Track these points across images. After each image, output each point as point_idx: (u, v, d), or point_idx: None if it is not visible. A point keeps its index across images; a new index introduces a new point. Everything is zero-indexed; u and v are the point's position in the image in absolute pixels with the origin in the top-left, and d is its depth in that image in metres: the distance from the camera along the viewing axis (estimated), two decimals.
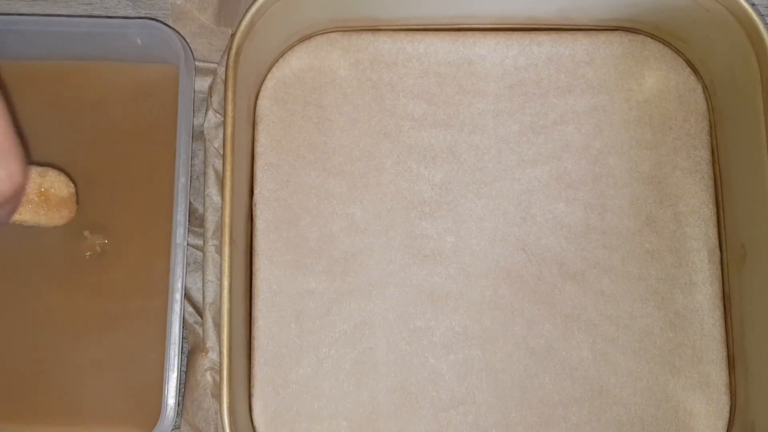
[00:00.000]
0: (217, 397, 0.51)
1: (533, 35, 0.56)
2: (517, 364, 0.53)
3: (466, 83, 0.56)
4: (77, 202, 0.52)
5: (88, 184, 0.55)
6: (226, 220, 0.48)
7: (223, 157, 0.49)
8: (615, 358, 0.53)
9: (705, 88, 0.56)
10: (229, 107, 0.49)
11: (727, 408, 0.52)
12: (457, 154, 0.55)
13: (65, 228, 0.53)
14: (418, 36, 0.56)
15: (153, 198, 0.54)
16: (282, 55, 0.56)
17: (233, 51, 0.50)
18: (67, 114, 0.56)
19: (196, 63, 0.56)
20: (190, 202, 0.54)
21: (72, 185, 0.51)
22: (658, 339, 0.53)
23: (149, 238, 0.54)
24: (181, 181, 0.51)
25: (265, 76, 0.56)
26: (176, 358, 0.49)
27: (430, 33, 0.56)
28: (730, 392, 0.53)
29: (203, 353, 0.52)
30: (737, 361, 0.52)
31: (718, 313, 0.53)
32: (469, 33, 0.56)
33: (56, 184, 0.50)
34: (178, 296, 0.50)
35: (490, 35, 0.56)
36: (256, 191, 0.54)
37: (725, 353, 0.53)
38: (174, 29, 0.54)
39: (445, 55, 0.56)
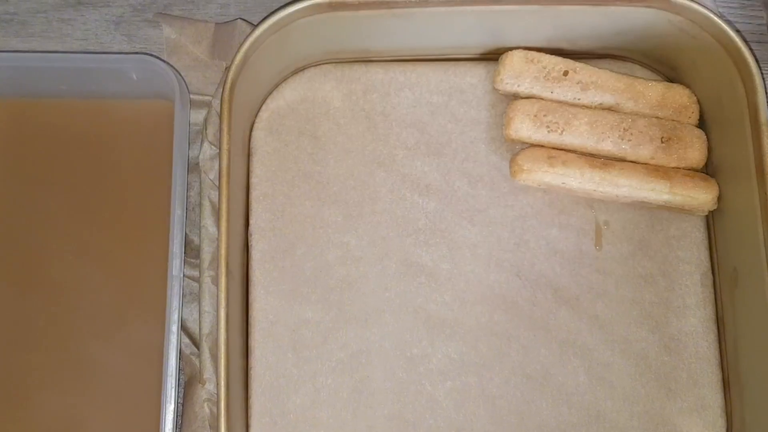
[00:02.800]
0: (215, 428, 0.51)
1: None
2: (514, 390, 0.53)
3: (458, 112, 0.56)
4: None
5: (84, 219, 0.55)
6: (222, 251, 0.48)
7: (219, 188, 0.49)
8: (611, 383, 0.53)
9: None
10: (225, 139, 0.50)
11: (724, 430, 0.53)
12: (450, 181, 0.55)
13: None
14: (410, 66, 0.57)
15: (149, 230, 0.55)
16: (276, 87, 0.57)
17: (228, 84, 0.50)
18: (64, 150, 0.56)
19: (191, 96, 0.57)
20: (186, 234, 0.54)
21: None
22: (654, 363, 0.53)
23: (146, 270, 0.54)
24: (177, 212, 0.52)
25: (260, 108, 0.56)
26: (173, 390, 0.49)
27: (422, 63, 0.57)
28: (726, 415, 0.53)
29: (200, 384, 0.52)
30: (732, 383, 0.53)
31: (712, 336, 0.54)
32: (460, 62, 0.57)
33: None
34: (174, 328, 0.50)
35: (481, 64, 0.57)
36: (251, 222, 0.55)
37: (720, 376, 0.53)
38: (169, 63, 0.55)
39: (436, 85, 0.57)
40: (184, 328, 0.54)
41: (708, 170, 0.55)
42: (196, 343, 0.53)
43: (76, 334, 0.53)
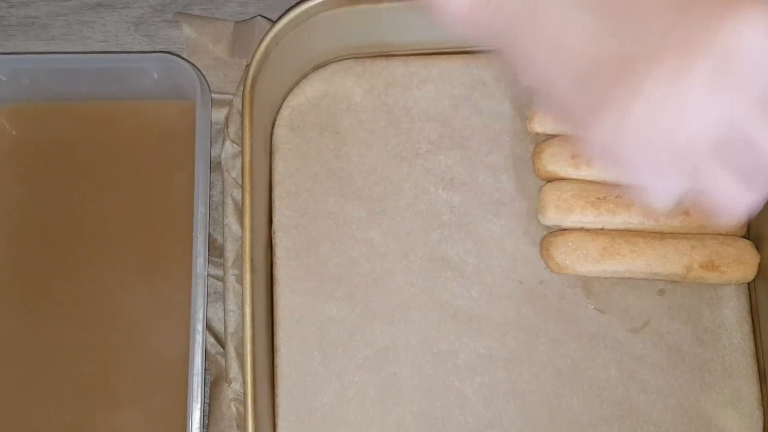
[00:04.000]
0: (243, 428, 0.50)
1: None
2: (544, 385, 0.52)
3: (481, 104, 0.56)
4: None
5: (107, 220, 0.55)
6: (247, 249, 0.48)
7: (242, 185, 0.49)
8: (643, 376, 0.52)
9: None
10: (247, 136, 0.49)
11: (760, 423, 0.51)
12: (474, 175, 0.55)
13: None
14: (431, 59, 0.56)
15: (173, 230, 0.54)
16: (297, 83, 0.56)
17: (249, 81, 0.50)
18: (86, 152, 0.56)
19: (212, 95, 0.56)
20: (209, 233, 0.54)
21: None
22: (687, 355, 0.52)
23: (170, 270, 0.54)
24: (200, 211, 0.51)
25: (281, 105, 0.56)
26: (199, 389, 0.49)
27: (443, 56, 0.56)
28: (763, 407, 0.51)
29: (227, 384, 0.52)
30: None
31: (746, 327, 0.53)
32: (482, 54, 0.56)
33: None
34: (199, 326, 0.50)
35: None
36: (274, 219, 0.54)
37: (756, 368, 0.52)
38: (189, 62, 0.55)
39: (458, 77, 0.56)
40: (209, 327, 0.53)
41: None
42: (221, 343, 0.53)
43: (100, 336, 0.53)
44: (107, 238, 0.55)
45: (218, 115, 0.57)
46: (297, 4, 0.51)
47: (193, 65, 0.55)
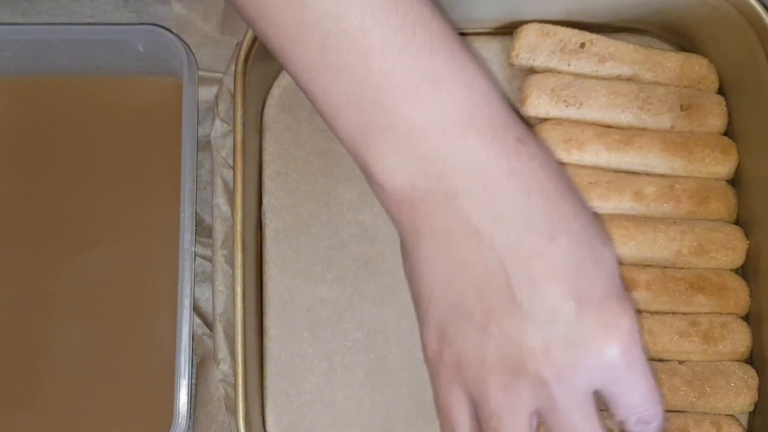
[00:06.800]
0: (231, 409, 0.49)
1: None
2: None
3: None
4: None
5: (94, 198, 0.54)
6: (238, 227, 0.47)
7: (234, 163, 0.48)
8: None
9: None
10: (238, 114, 0.49)
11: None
12: None
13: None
14: None
15: (160, 207, 0.54)
16: None
17: (241, 58, 0.49)
18: (68, 129, 0.55)
19: (201, 73, 0.56)
20: (197, 213, 0.53)
21: None
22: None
23: (157, 247, 0.53)
24: (188, 185, 0.51)
25: (272, 84, 0.55)
26: (186, 364, 0.48)
27: None
28: (759, 392, 0.52)
29: (215, 365, 0.51)
30: (755, 359, 0.52)
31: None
32: (475, 37, 0.56)
33: None
34: (187, 302, 0.49)
35: (496, 39, 0.56)
36: (264, 200, 0.54)
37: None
38: (176, 35, 0.54)
39: None
40: (195, 308, 0.52)
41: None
42: (208, 324, 0.52)
43: (86, 314, 0.52)
44: (90, 214, 0.54)
45: (207, 93, 0.56)
46: None
47: (181, 39, 0.54)
